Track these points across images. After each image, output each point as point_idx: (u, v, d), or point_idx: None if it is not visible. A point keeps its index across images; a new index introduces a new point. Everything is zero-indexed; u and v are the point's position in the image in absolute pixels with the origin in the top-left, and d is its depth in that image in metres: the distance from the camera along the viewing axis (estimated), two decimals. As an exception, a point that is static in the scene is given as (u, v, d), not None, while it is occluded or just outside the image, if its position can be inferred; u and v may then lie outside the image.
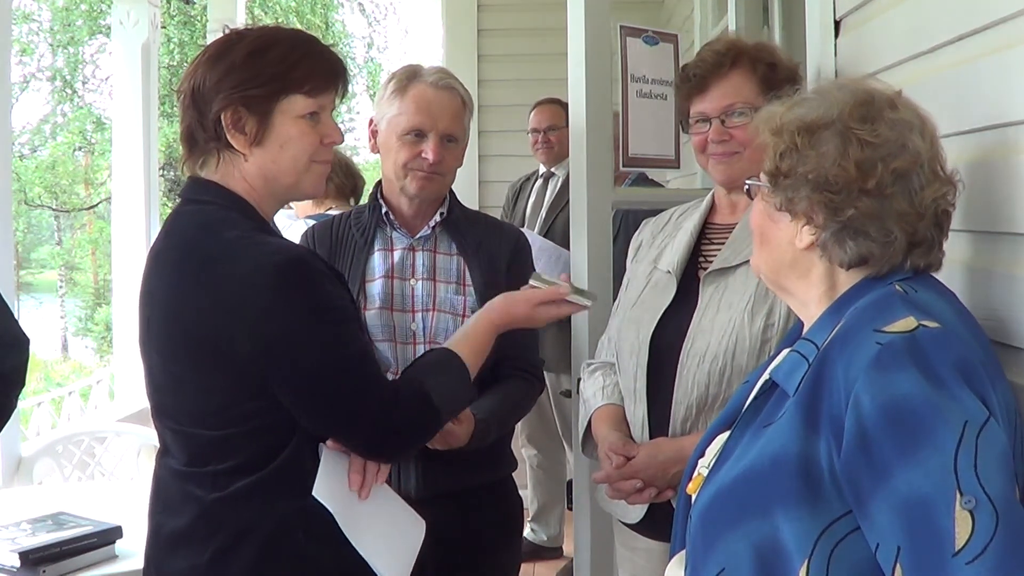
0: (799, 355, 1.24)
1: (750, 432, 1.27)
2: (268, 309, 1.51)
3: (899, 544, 1.04)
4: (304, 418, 1.57)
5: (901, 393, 1.07)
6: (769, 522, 1.15)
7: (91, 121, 16.75)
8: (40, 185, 17.29)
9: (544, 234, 4.11)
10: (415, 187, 2.08)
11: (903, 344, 1.10)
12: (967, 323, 1.21)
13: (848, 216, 1.23)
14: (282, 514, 1.56)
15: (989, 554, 0.99)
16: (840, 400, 1.11)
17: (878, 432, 1.07)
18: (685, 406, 1.82)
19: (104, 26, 15.31)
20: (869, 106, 1.26)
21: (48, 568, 2.10)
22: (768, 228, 1.34)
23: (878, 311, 1.16)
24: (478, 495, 2.11)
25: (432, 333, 2.09)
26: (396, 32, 24.83)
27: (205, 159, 1.64)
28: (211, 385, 1.56)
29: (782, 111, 1.31)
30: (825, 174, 1.24)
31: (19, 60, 15.99)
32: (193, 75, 1.61)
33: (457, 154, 2.12)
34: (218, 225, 1.58)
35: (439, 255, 2.14)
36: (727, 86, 1.87)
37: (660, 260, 1.98)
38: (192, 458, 1.60)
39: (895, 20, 1.73)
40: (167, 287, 1.60)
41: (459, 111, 2.10)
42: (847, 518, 1.11)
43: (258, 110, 1.59)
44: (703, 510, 1.26)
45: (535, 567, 4.34)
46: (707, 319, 1.83)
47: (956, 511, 1.01)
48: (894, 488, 1.05)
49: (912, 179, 1.23)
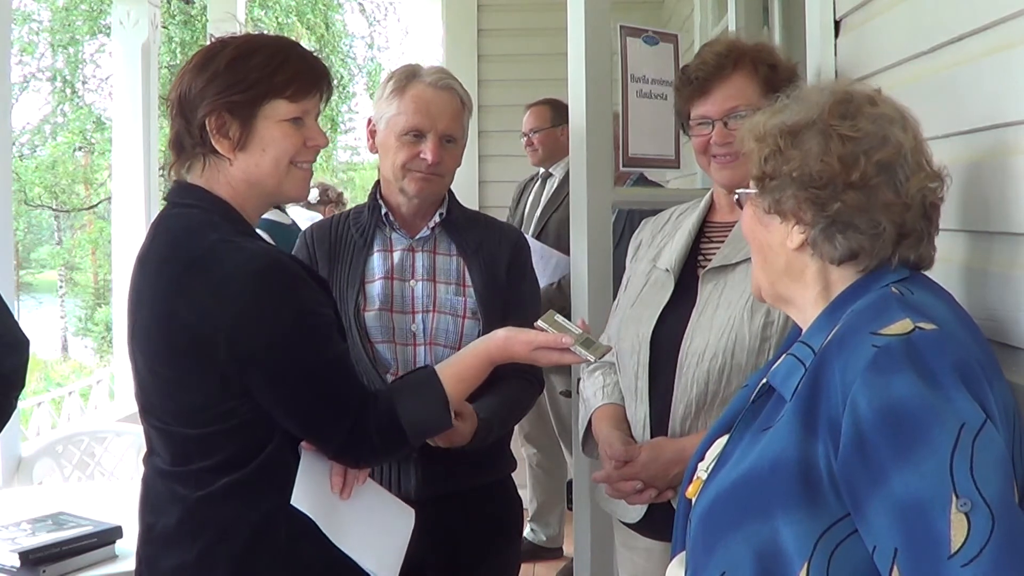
0: (795, 359, 1.25)
1: (749, 435, 1.27)
2: (245, 313, 1.54)
3: (896, 546, 1.05)
4: (280, 419, 1.59)
5: (897, 396, 1.07)
6: (769, 525, 1.15)
7: (91, 121, 16.74)
8: (40, 185, 17.29)
9: (538, 234, 4.10)
10: (414, 188, 2.08)
11: (899, 347, 1.10)
12: (964, 323, 1.21)
13: (835, 210, 1.24)
14: (265, 511, 1.58)
15: (985, 557, 0.99)
16: (837, 403, 1.12)
17: (875, 435, 1.07)
18: (684, 404, 1.82)
19: (104, 26, 15.30)
20: (848, 103, 1.28)
21: (48, 568, 2.11)
22: (760, 234, 1.35)
23: (875, 314, 1.17)
24: (478, 495, 2.11)
25: (432, 334, 2.08)
26: (396, 32, 24.85)
27: (191, 164, 1.67)
28: (193, 384, 1.58)
29: (765, 119, 1.34)
30: (809, 171, 1.25)
31: (19, 60, 16.00)
32: (180, 83, 1.65)
33: (456, 154, 2.12)
34: (201, 228, 1.61)
35: (438, 256, 2.14)
36: (730, 88, 1.87)
37: (659, 259, 1.98)
38: (176, 457, 1.62)
39: (895, 20, 1.73)
40: (151, 288, 1.62)
41: (458, 111, 2.10)
42: (846, 521, 1.12)
43: (241, 115, 1.62)
44: (703, 513, 1.26)
45: (535, 567, 4.33)
46: (706, 317, 1.83)
47: (952, 513, 1.02)
48: (890, 490, 1.05)
49: (896, 170, 1.24)
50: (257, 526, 1.58)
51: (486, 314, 2.09)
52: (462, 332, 2.09)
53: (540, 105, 4.37)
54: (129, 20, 4.64)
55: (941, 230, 1.46)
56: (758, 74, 1.86)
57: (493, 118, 5.17)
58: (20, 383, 2.42)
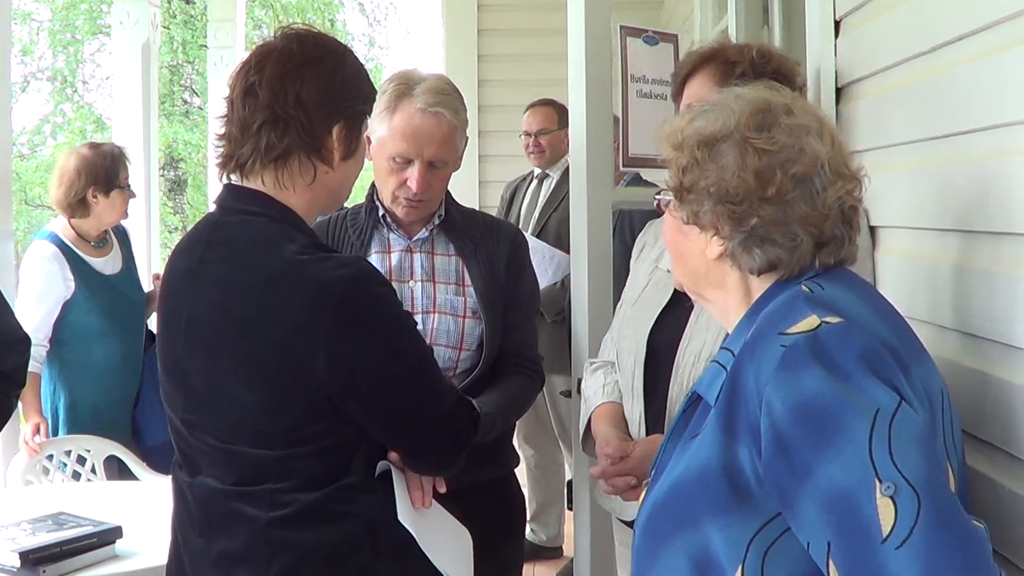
0: (718, 365, 1.26)
1: (681, 444, 1.29)
2: (347, 324, 1.49)
3: (828, 540, 1.06)
4: (376, 428, 1.56)
5: (809, 392, 1.09)
6: (701, 532, 1.17)
7: (91, 121, 16.74)
8: (40, 185, 17.25)
9: (538, 234, 4.11)
10: (402, 213, 2.09)
11: (805, 343, 1.12)
12: (879, 311, 1.23)
13: (752, 225, 1.24)
14: (346, 531, 1.54)
15: (916, 536, 1.01)
16: (754, 406, 1.13)
17: (792, 433, 1.09)
18: (680, 399, 1.83)
19: (104, 26, 15.30)
20: (765, 114, 1.27)
21: (48, 568, 2.10)
22: (679, 242, 1.36)
23: (783, 314, 1.18)
24: (481, 492, 2.11)
25: (433, 335, 2.08)
26: (397, 31, 24.86)
27: (254, 167, 1.58)
28: (281, 406, 1.51)
29: (683, 124, 1.33)
30: (726, 186, 1.25)
31: (19, 60, 15.99)
32: (289, 79, 1.55)
33: (445, 176, 2.10)
34: (275, 239, 1.54)
35: (437, 256, 2.14)
36: (692, 87, 1.89)
37: (661, 260, 1.99)
38: (245, 477, 1.54)
39: (895, 20, 1.73)
40: (220, 306, 1.55)
41: (447, 136, 2.05)
42: (777, 521, 1.13)
43: (358, 125, 1.64)
44: (643, 524, 1.28)
45: (535, 567, 4.33)
46: (703, 318, 1.84)
47: (877, 498, 1.03)
48: (815, 485, 1.07)
49: (813, 181, 1.24)
50: (338, 547, 1.53)
51: (488, 313, 2.09)
52: (463, 332, 2.09)
53: (545, 106, 4.35)
54: (129, 20, 4.65)
55: (941, 230, 1.47)
56: (717, 72, 1.86)
57: (493, 118, 5.17)
58: (21, 381, 2.42)
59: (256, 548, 1.53)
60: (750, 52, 1.85)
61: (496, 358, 2.10)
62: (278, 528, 1.52)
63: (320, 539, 1.52)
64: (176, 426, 1.63)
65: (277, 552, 1.52)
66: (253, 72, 1.56)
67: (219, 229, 1.61)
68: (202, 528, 1.60)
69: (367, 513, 1.55)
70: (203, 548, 1.59)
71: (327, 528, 1.53)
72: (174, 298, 1.63)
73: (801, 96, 1.40)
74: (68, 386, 3.35)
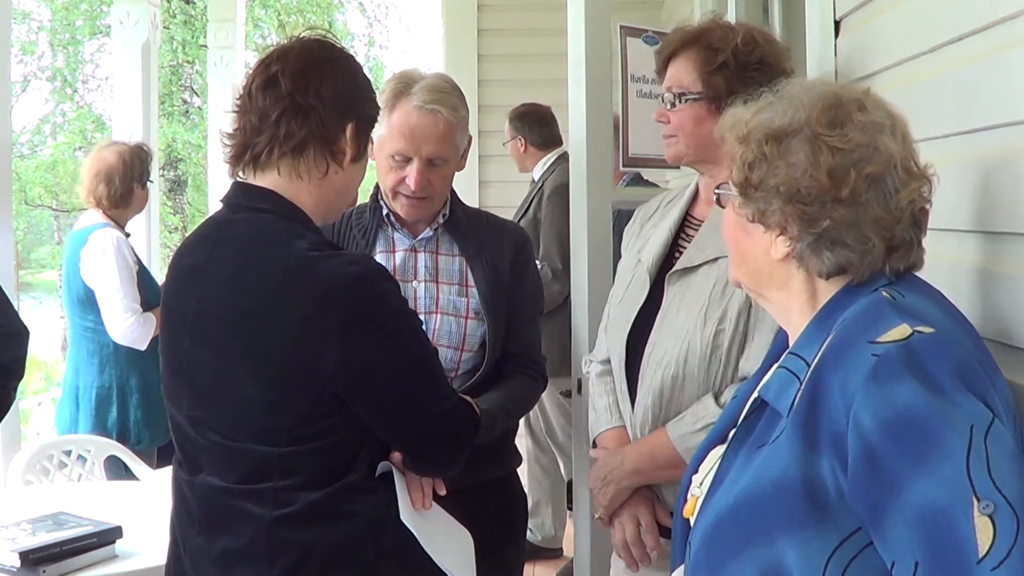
0: (788, 372, 1.20)
1: (743, 453, 1.23)
2: (355, 320, 1.51)
3: (916, 559, 1.01)
4: (379, 425, 1.57)
5: (903, 405, 1.04)
6: (775, 548, 1.12)
7: (91, 121, 16.74)
8: (40, 185, 17.26)
9: None
10: (404, 211, 2.09)
11: (899, 353, 1.07)
12: (958, 323, 1.19)
13: (823, 227, 1.19)
14: (350, 530, 1.54)
15: (1015, 556, 0.97)
16: (840, 417, 1.08)
17: (884, 447, 1.04)
18: (643, 409, 1.85)
19: (104, 26, 15.29)
20: (837, 109, 1.22)
21: (48, 568, 2.10)
22: (742, 240, 1.31)
23: (870, 321, 1.13)
24: (483, 491, 2.11)
25: (435, 336, 2.08)
26: (397, 31, 24.87)
27: (265, 165, 1.59)
28: (289, 403, 1.52)
29: (747, 116, 1.27)
30: (797, 185, 1.20)
31: (19, 60, 15.98)
32: (311, 73, 1.58)
33: (447, 174, 2.09)
34: (284, 236, 1.55)
35: (441, 256, 2.14)
36: (674, 69, 1.88)
37: (643, 251, 1.98)
38: (249, 475, 1.55)
39: (895, 20, 1.73)
40: (226, 303, 1.55)
41: (445, 133, 2.04)
42: (857, 537, 1.08)
43: (369, 128, 1.68)
44: (705, 537, 1.22)
45: (535, 567, 4.33)
46: (667, 322, 1.84)
47: (975, 517, 0.98)
48: (907, 501, 1.02)
49: (887, 182, 1.19)
50: (341, 545, 1.54)
51: (491, 314, 2.09)
52: (465, 333, 2.09)
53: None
54: (129, 20, 4.65)
55: (944, 231, 1.46)
56: (699, 58, 1.84)
57: (493, 118, 5.16)
58: (20, 373, 2.42)
59: (259, 546, 1.53)
60: (735, 39, 1.82)
61: (500, 357, 2.11)
62: (282, 526, 1.52)
63: (323, 538, 1.53)
64: (179, 423, 1.63)
65: (280, 551, 1.52)
66: (275, 63, 1.60)
67: (226, 227, 1.62)
68: (202, 527, 1.60)
69: (370, 512, 1.55)
70: (203, 547, 1.59)
71: (331, 527, 1.53)
72: (178, 295, 1.63)
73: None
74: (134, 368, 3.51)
